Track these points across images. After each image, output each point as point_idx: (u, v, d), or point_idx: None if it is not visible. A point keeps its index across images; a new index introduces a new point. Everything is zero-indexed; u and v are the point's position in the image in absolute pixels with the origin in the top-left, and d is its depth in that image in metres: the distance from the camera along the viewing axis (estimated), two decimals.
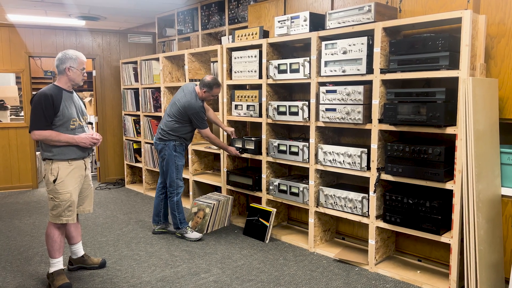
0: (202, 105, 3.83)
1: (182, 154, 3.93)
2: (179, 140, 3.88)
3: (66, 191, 2.89)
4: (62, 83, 2.94)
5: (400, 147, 2.97)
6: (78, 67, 2.93)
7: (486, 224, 2.67)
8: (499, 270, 2.79)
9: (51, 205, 2.92)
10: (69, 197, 2.91)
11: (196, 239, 3.88)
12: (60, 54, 2.91)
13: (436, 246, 3.24)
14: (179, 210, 3.93)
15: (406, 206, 2.99)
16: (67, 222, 2.95)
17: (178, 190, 3.92)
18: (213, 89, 3.79)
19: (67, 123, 2.88)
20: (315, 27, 3.56)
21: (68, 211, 2.92)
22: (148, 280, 3.11)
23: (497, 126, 2.84)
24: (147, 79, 5.54)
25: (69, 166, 2.91)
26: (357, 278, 3.12)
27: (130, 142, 6.13)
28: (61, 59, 2.90)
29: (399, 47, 2.94)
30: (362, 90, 3.15)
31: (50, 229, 2.97)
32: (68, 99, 2.93)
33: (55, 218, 2.93)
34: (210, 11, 5.50)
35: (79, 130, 2.97)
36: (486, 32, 2.85)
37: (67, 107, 2.90)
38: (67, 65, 2.89)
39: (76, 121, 2.95)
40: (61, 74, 2.93)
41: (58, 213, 2.91)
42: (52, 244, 2.96)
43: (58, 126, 2.86)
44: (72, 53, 2.92)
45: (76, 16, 6.48)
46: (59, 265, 3.00)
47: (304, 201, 3.65)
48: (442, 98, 2.74)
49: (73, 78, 2.94)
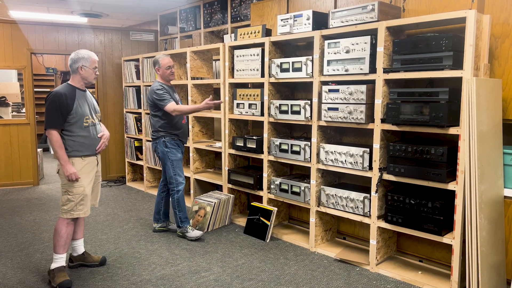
0: (160, 84, 3.82)
1: (175, 148, 3.87)
2: (168, 136, 3.85)
3: (80, 185, 2.98)
4: (76, 81, 3.05)
5: (402, 147, 2.95)
6: (90, 66, 3.04)
7: (489, 225, 2.65)
8: (501, 271, 2.78)
9: (64, 199, 2.99)
10: (83, 190, 3.00)
11: (197, 237, 3.85)
12: (73, 54, 3.02)
13: (437, 246, 3.23)
14: (180, 208, 3.90)
15: (408, 206, 2.98)
16: (78, 216, 3.02)
17: (178, 187, 3.88)
18: (160, 61, 3.84)
19: (80, 121, 2.99)
20: (318, 26, 3.54)
21: (80, 205, 3.00)
22: (148, 278, 3.10)
23: (500, 127, 2.83)
24: (149, 76, 5.53)
25: (82, 162, 3.01)
26: (358, 278, 3.11)
27: (132, 139, 6.12)
28: (74, 59, 3.01)
29: (403, 47, 2.93)
30: (365, 89, 3.14)
31: (59, 224, 3.02)
32: (81, 98, 3.04)
33: (66, 213, 2.99)
34: (212, 9, 5.49)
35: (92, 128, 3.07)
36: (490, 32, 2.83)
37: (81, 106, 3.00)
38: (79, 64, 3.00)
39: (89, 119, 3.05)
40: (74, 73, 3.04)
41: (70, 207, 2.98)
42: (58, 239, 3.01)
43: (72, 124, 2.96)
44: (84, 52, 3.04)
45: (78, 13, 6.48)
46: (61, 262, 3.02)
47: (306, 200, 3.64)
48: (445, 98, 2.72)
49: (85, 77, 3.05)
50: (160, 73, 3.87)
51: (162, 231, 4.10)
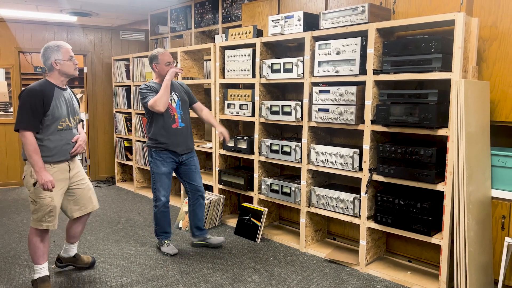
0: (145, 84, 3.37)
1: (159, 160, 3.41)
2: (153, 144, 3.41)
3: (47, 195, 2.69)
4: (54, 78, 2.75)
5: (392, 148, 2.97)
6: (64, 58, 2.71)
7: (476, 225, 2.68)
8: (489, 271, 2.81)
9: (32, 208, 2.75)
10: (50, 201, 2.71)
11: (170, 254, 3.49)
12: (42, 50, 2.70)
13: (426, 247, 3.26)
14: (157, 222, 3.55)
15: (397, 207, 3.00)
16: (47, 229, 2.75)
17: (155, 202, 3.47)
18: (159, 57, 3.36)
19: (55, 123, 2.70)
20: (309, 27, 3.55)
21: (49, 216, 2.72)
22: (137, 279, 3.08)
23: (488, 129, 2.86)
24: (139, 76, 5.49)
25: (51, 169, 2.72)
26: (347, 278, 3.13)
27: (121, 140, 6.07)
28: (44, 55, 2.70)
29: (393, 48, 2.95)
30: (355, 90, 3.15)
31: (32, 234, 2.78)
32: (60, 97, 2.73)
33: (36, 223, 2.74)
34: (203, 9, 5.47)
35: (67, 132, 2.78)
36: (479, 35, 2.86)
37: (58, 106, 2.70)
38: (51, 59, 2.69)
39: (64, 122, 2.75)
40: (50, 70, 2.74)
41: (39, 217, 2.73)
42: (35, 250, 2.78)
43: (46, 126, 2.67)
44: (52, 44, 2.69)
45: (67, 11, 6.41)
46: (43, 272, 2.83)
47: (296, 201, 3.65)
48: (434, 100, 2.75)
49: (64, 71, 2.73)
50: (158, 70, 3.38)
51: (201, 246, 3.68)
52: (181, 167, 3.54)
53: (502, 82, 2.82)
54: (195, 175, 3.59)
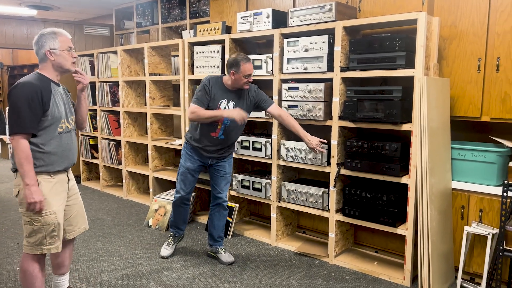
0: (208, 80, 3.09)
1: (186, 154, 3.29)
2: (188, 138, 3.29)
3: (49, 211, 2.22)
4: (48, 71, 2.28)
5: (359, 143, 3.07)
6: (61, 48, 2.25)
7: (438, 216, 2.82)
8: (450, 259, 2.96)
9: (28, 231, 2.23)
10: (53, 218, 2.24)
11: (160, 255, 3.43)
12: (36, 37, 2.27)
13: (392, 238, 3.38)
14: (172, 213, 3.49)
15: (364, 200, 3.10)
16: (48, 252, 2.27)
17: (175, 193, 3.40)
18: (241, 66, 2.98)
19: (54, 125, 2.25)
20: (278, 24, 3.59)
21: (51, 237, 2.24)
22: (108, 279, 3.03)
23: (448, 123, 3.00)
24: (104, 72, 5.36)
25: (50, 181, 2.26)
26: (317, 270, 3.20)
27: (86, 137, 5.91)
28: (37, 43, 2.25)
29: (359, 46, 3.03)
30: (323, 87, 3.22)
31: (27, 263, 2.27)
32: (57, 94, 2.29)
33: (33, 248, 2.24)
34: (170, 4, 5.40)
35: (67, 136, 2.34)
36: (439, 34, 2.99)
37: (57, 105, 2.26)
38: (45, 47, 2.23)
39: (64, 123, 2.32)
40: (43, 61, 2.27)
41: (38, 240, 2.23)
42: (32, 281, 2.27)
43: (44, 129, 2.21)
44: (49, 30, 2.27)
45: (27, 5, 6.15)
46: None
47: (267, 196, 3.69)
48: (398, 96, 2.86)
49: (59, 63, 2.27)
50: (234, 78, 3.03)
51: (212, 257, 3.44)
52: (210, 169, 3.37)
53: (461, 79, 2.97)
54: (221, 181, 3.34)
